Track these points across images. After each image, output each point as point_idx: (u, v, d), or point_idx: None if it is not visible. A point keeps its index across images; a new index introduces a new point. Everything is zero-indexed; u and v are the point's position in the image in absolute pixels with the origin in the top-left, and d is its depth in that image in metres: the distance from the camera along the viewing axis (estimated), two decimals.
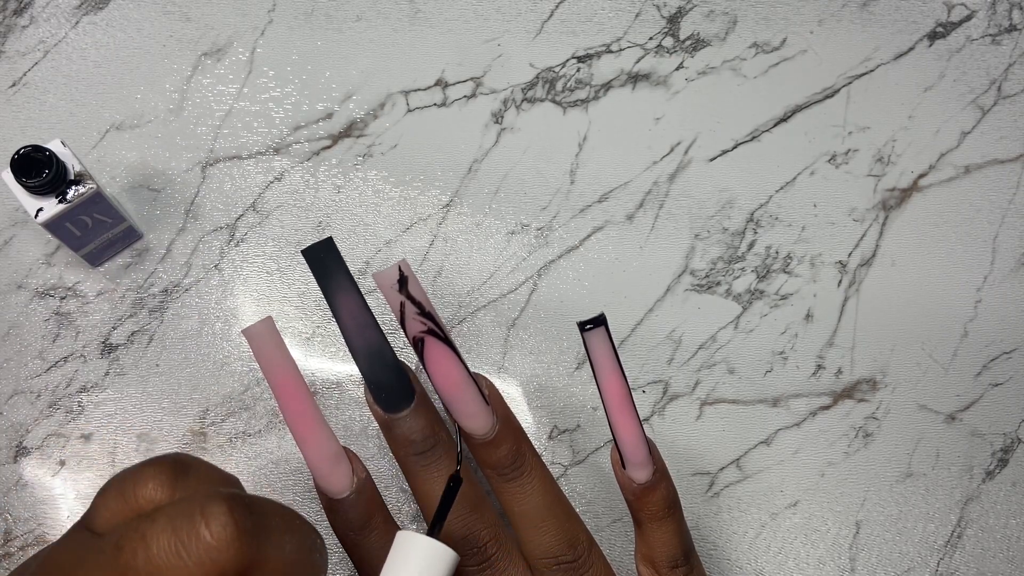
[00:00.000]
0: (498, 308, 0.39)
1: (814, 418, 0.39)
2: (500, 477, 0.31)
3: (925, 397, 0.40)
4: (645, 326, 0.39)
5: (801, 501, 0.38)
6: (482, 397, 0.30)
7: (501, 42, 0.41)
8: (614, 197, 0.40)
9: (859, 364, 0.40)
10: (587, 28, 0.42)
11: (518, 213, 0.40)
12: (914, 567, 0.38)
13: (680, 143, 0.41)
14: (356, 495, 0.30)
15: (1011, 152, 0.42)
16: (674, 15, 0.42)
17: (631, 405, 0.29)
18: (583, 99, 0.41)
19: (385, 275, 0.29)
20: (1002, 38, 0.43)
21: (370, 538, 0.31)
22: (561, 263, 0.39)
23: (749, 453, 0.39)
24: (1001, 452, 0.40)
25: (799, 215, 0.41)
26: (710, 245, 0.40)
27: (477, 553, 0.30)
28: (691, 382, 0.39)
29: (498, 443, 0.30)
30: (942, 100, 0.42)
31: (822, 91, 0.42)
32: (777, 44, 0.42)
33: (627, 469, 0.30)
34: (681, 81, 0.41)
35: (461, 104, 0.40)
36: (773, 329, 0.40)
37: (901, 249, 0.41)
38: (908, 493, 0.39)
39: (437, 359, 0.29)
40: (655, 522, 0.30)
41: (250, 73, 0.40)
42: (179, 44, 0.40)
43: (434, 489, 0.31)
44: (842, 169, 0.41)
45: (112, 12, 0.40)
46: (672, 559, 0.31)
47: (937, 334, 0.40)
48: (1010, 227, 0.41)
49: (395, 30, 0.41)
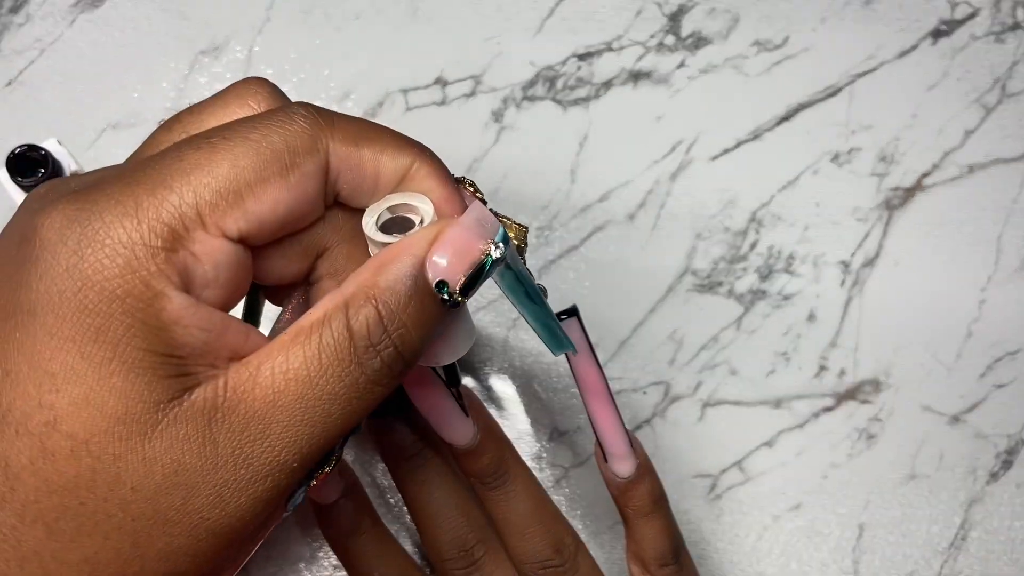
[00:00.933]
0: (498, 308, 0.39)
1: (817, 419, 0.39)
2: (483, 486, 0.31)
3: (929, 398, 0.39)
4: (646, 327, 0.39)
5: (804, 503, 0.38)
6: (461, 409, 0.30)
7: (501, 40, 0.41)
8: (615, 196, 0.40)
9: (862, 365, 0.39)
10: (588, 26, 0.41)
11: (518, 212, 0.39)
12: (918, 570, 0.38)
13: (682, 142, 0.41)
14: (344, 500, 0.31)
15: (1015, 151, 0.42)
16: (675, 13, 0.42)
17: (609, 396, 0.29)
18: (584, 97, 0.41)
19: None
20: (1006, 36, 0.43)
21: (359, 541, 0.31)
22: (561, 263, 0.39)
23: (751, 455, 0.38)
24: (1005, 454, 0.39)
25: (802, 214, 0.40)
26: (712, 245, 0.40)
27: (464, 556, 0.31)
28: (693, 383, 0.39)
29: (480, 452, 0.30)
30: (946, 98, 0.42)
31: (825, 89, 0.41)
32: (779, 42, 0.42)
33: (609, 463, 0.30)
34: (683, 79, 0.41)
35: (460, 103, 0.40)
36: (775, 330, 0.39)
37: (905, 249, 0.40)
38: (912, 495, 0.39)
39: (412, 376, 0.29)
40: (641, 518, 0.31)
41: (248, 71, 0.40)
42: (176, 42, 0.40)
43: (423, 495, 0.31)
44: (845, 168, 0.41)
45: (109, 10, 0.40)
46: (661, 557, 0.31)
47: (941, 335, 0.40)
48: (1015, 226, 0.41)
49: (394, 28, 0.41)
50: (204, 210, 0.20)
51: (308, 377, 0.21)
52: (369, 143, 0.23)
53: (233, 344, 0.21)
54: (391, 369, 0.22)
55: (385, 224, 0.23)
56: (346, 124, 0.23)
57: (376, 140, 0.23)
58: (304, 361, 0.21)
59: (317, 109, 0.23)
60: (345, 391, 0.21)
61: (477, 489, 0.31)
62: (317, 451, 0.21)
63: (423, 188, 0.23)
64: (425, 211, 0.23)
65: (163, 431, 0.20)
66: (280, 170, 0.21)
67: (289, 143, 0.21)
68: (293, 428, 0.21)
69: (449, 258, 0.22)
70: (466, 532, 0.30)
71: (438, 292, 0.22)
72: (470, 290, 0.22)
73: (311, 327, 0.21)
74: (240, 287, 0.22)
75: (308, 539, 0.37)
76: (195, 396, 0.20)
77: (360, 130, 0.23)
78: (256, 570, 0.37)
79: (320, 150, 0.22)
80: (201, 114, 0.24)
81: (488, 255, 0.22)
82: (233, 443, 0.20)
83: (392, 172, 0.23)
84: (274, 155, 0.21)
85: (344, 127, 0.22)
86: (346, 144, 0.22)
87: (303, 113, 0.22)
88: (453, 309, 0.22)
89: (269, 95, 0.24)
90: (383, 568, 0.31)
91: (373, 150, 0.23)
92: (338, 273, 0.24)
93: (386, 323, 0.21)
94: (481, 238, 0.22)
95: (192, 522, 0.20)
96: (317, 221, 0.23)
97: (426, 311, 0.22)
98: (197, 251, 0.21)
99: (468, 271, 0.22)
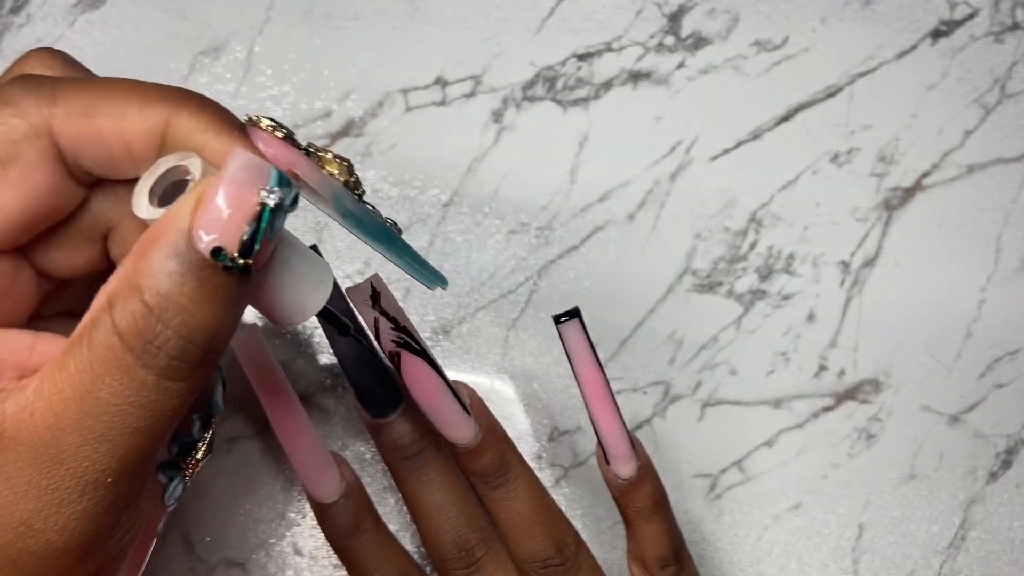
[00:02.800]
0: (498, 308, 0.39)
1: (817, 419, 0.39)
2: (485, 485, 0.31)
3: (928, 398, 0.39)
4: (646, 327, 0.39)
5: (804, 503, 0.38)
6: (462, 407, 0.30)
7: (501, 40, 0.41)
8: (615, 196, 0.40)
9: (862, 365, 0.39)
10: (588, 26, 0.41)
11: (518, 212, 0.39)
12: (917, 569, 0.38)
13: (681, 142, 0.41)
14: (345, 499, 0.30)
15: (1015, 151, 0.42)
16: (675, 13, 0.42)
17: (610, 398, 0.29)
18: (584, 98, 0.41)
19: (358, 291, 0.29)
20: (1005, 36, 0.43)
21: (360, 541, 0.31)
22: (561, 263, 0.39)
23: (751, 455, 0.38)
24: (1005, 454, 0.39)
25: (801, 214, 0.40)
26: (712, 245, 0.40)
27: (465, 556, 0.30)
28: (692, 383, 0.39)
29: (481, 452, 0.30)
30: (945, 99, 0.42)
31: (824, 89, 0.41)
32: (779, 42, 0.42)
33: (611, 464, 0.30)
34: (682, 80, 0.41)
35: (460, 103, 0.40)
36: (775, 330, 0.39)
37: (904, 249, 0.40)
38: (911, 495, 0.39)
39: (413, 373, 0.29)
40: (642, 520, 0.31)
41: (248, 72, 0.40)
42: (176, 42, 0.40)
43: (423, 494, 0.31)
44: (845, 168, 0.41)
45: (109, 10, 0.40)
46: (662, 558, 0.31)
47: (941, 335, 0.40)
48: (1014, 226, 0.41)
49: (394, 28, 0.41)
50: None
51: (85, 393, 0.18)
52: (105, 109, 0.20)
53: (14, 361, 0.19)
54: (183, 360, 0.19)
55: (166, 193, 0.20)
56: (73, 94, 0.20)
57: (113, 104, 0.20)
58: (76, 376, 0.18)
59: (36, 82, 0.20)
60: (134, 396, 0.18)
61: (478, 488, 0.31)
62: (132, 461, 0.19)
63: (193, 144, 0.20)
64: (195, 171, 0.20)
65: None
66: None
67: (0, 133, 0.19)
68: (88, 447, 0.18)
69: (219, 219, 0.18)
70: (467, 532, 0.30)
71: (216, 261, 0.18)
72: (253, 249, 0.19)
73: (79, 337, 0.19)
74: (12, 295, 0.20)
75: (308, 539, 0.37)
76: None
77: (93, 96, 0.20)
78: (256, 570, 0.37)
79: (40, 133, 0.19)
80: None
81: (263, 205, 0.19)
82: (26, 475, 0.18)
83: (144, 135, 0.20)
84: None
85: (68, 98, 0.20)
86: (73, 117, 0.19)
87: (15, 92, 0.19)
88: (246, 274, 0.19)
89: (46, 68, 0.21)
90: (383, 568, 0.31)
91: (111, 117, 0.20)
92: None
93: (158, 314, 0.18)
94: (252, 187, 0.19)
95: (9, 554, 0.18)
96: (86, 202, 0.21)
97: (209, 286, 0.19)
98: None
99: (245, 229, 0.19)
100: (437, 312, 0.38)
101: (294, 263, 0.22)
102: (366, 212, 0.23)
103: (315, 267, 0.22)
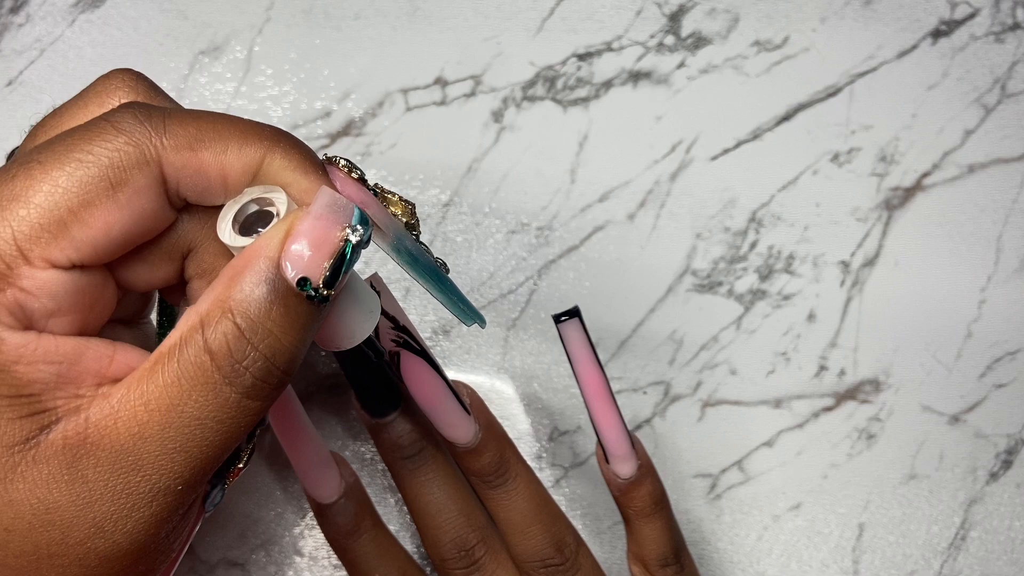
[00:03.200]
0: (498, 308, 0.39)
1: (817, 419, 0.39)
2: (485, 484, 0.31)
3: (929, 398, 0.39)
4: (646, 326, 0.39)
5: (804, 503, 0.38)
6: (462, 407, 0.30)
7: (501, 40, 0.41)
8: (615, 196, 0.40)
9: (862, 365, 0.39)
10: (588, 26, 0.41)
11: (518, 212, 0.39)
12: (918, 570, 0.38)
13: (681, 142, 0.41)
14: (345, 499, 0.31)
15: (1015, 151, 0.42)
16: (675, 13, 0.42)
17: (610, 397, 0.29)
18: (584, 97, 0.41)
19: None
20: (1006, 36, 0.43)
21: (360, 541, 0.31)
22: (561, 263, 0.39)
23: (751, 455, 0.38)
24: (1005, 454, 0.39)
25: (802, 214, 0.40)
26: (712, 245, 0.40)
27: (465, 556, 0.30)
28: (693, 383, 0.39)
29: (481, 451, 0.30)
30: (946, 98, 0.42)
31: (825, 89, 0.41)
32: (779, 42, 0.42)
33: (611, 463, 0.30)
34: (682, 79, 0.41)
35: (460, 103, 0.40)
36: (775, 330, 0.39)
37: (904, 249, 0.40)
38: (911, 495, 0.39)
39: (413, 373, 0.29)
40: (643, 519, 0.31)
41: (248, 71, 0.40)
42: (176, 42, 0.40)
43: (423, 494, 0.31)
44: (845, 168, 0.41)
45: (109, 10, 0.40)
46: (662, 558, 0.31)
47: (941, 335, 0.40)
48: (1014, 226, 0.41)
49: (394, 28, 0.41)
50: (24, 244, 0.19)
51: (171, 406, 0.20)
52: (209, 144, 0.21)
53: (95, 368, 0.20)
54: (266, 381, 0.20)
55: (248, 220, 0.22)
56: (180, 126, 0.21)
57: (217, 139, 0.21)
58: (164, 390, 0.20)
59: (147, 112, 0.21)
60: (216, 412, 0.20)
61: (478, 488, 0.31)
62: (202, 471, 0.20)
63: (281, 180, 0.22)
64: (280, 205, 0.21)
65: (23, 473, 0.19)
66: (105, 190, 0.20)
67: (113, 159, 0.20)
68: (167, 456, 0.20)
69: (305, 252, 0.20)
70: (467, 532, 0.30)
71: (301, 290, 0.20)
72: (335, 281, 0.21)
73: (169, 352, 0.20)
74: (95, 307, 0.21)
75: (308, 539, 0.37)
76: (54, 435, 0.19)
77: (198, 130, 0.21)
78: (256, 570, 0.37)
79: (150, 161, 0.20)
80: (61, 117, 0.22)
81: (347, 241, 0.21)
82: (104, 479, 0.19)
83: (240, 170, 0.21)
84: (97, 174, 0.20)
85: (177, 131, 0.21)
86: (181, 150, 0.21)
87: (128, 120, 0.20)
88: (324, 303, 0.21)
89: (131, 90, 0.22)
90: (383, 568, 0.31)
91: (214, 151, 0.21)
92: (207, 273, 0.23)
93: (248, 336, 0.20)
94: (336, 224, 0.21)
95: (78, 553, 0.20)
96: (174, 223, 0.22)
97: (293, 313, 0.20)
98: (26, 286, 0.19)
99: (328, 262, 0.20)
100: (437, 312, 0.38)
101: (352, 294, 0.24)
102: (421, 252, 0.24)
103: (368, 298, 0.24)
